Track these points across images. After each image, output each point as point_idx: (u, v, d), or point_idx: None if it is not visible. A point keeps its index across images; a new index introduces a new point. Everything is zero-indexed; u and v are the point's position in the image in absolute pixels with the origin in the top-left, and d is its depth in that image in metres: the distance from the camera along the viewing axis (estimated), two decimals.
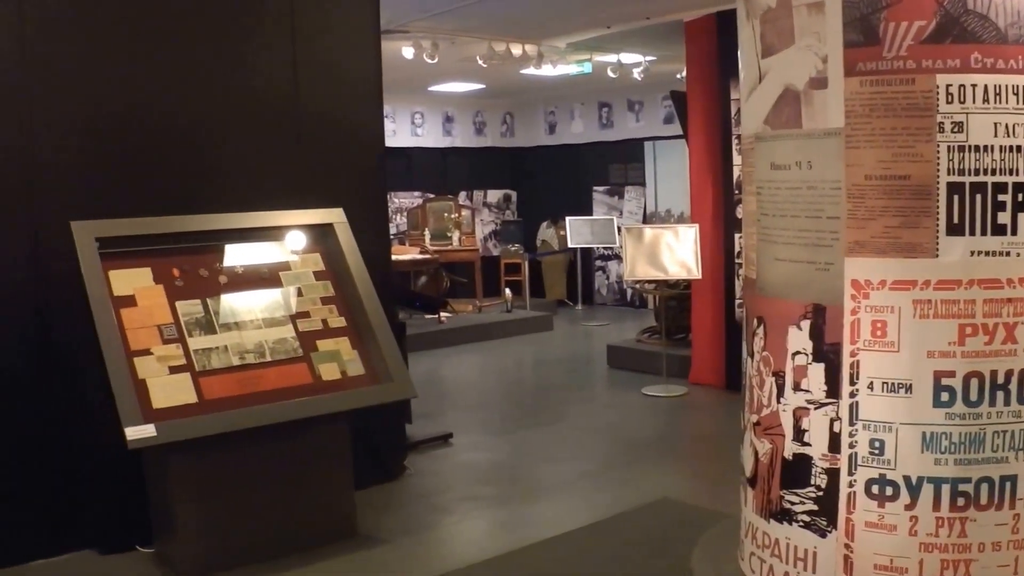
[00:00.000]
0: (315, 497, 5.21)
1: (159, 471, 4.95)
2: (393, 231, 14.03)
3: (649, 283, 10.15)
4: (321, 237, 5.73)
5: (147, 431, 4.55)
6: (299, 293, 5.47)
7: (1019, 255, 3.36)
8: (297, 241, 5.66)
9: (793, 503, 3.74)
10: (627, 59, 11.78)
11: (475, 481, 6.48)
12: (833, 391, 3.55)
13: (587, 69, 12.30)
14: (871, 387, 3.46)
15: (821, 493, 3.62)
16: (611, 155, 15.64)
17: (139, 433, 4.52)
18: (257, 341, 5.17)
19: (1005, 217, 3.35)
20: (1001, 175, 3.33)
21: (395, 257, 9.48)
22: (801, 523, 3.72)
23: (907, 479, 3.45)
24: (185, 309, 5.11)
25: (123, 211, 5.20)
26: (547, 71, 11.96)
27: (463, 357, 11.71)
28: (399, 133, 15.53)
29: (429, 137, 16.23)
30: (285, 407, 4.99)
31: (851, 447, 3.52)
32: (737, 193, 8.37)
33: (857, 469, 3.52)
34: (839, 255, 3.51)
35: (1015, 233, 3.35)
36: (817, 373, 3.61)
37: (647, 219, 14.92)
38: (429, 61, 10.36)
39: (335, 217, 5.75)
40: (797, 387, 3.69)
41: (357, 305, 5.52)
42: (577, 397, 9.21)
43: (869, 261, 3.45)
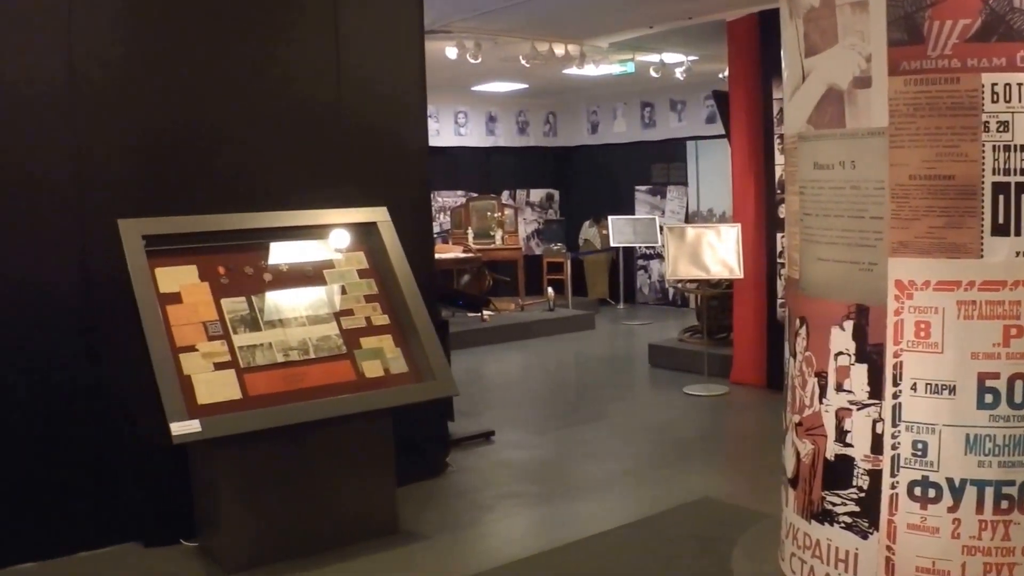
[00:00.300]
0: (357, 493, 5.24)
1: (203, 466, 5.02)
2: (436, 230, 14.10)
3: (691, 282, 10.12)
4: (365, 236, 5.77)
5: (192, 426, 4.59)
6: (343, 291, 5.50)
7: None
8: (341, 239, 5.70)
9: (835, 504, 3.73)
10: (669, 59, 11.77)
11: (516, 478, 6.50)
12: (876, 392, 3.54)
13: (630, 69, 12.28)
14: (914, 388, 3.44)
15: (863, 494, 3.61)
16: (653, 154, 15.61)
17: (184, 428, 4.57)
18: (301, 338, 5.21)
19: None
20: None
21: (438, 256, 9.54)
22: (843, 524, 3.70)
23: (950, 481, 3.42)
24: (230, 306, 5.15)
25: (169, 210, 5.27)
26: (590, 71, 11.96)
27: (505, 355, 11.74)
28: (443, 132, 15.59)
29: (472, 136, 16.27)
30: (328, 404, 5.03)
31: (894, 448, 3.50)
32: (779, 193, 8.33)
33: (900, 471, 3.50)
34: (883, 255, 3.49)
35: None
36: (860, 374, 3.59)
37: (689, 218, 14.87)
38: (472, 61, 10.40)
39: (379, 216, 5.78)
40: (840, 388, 3.68)
41: (400, 303, 5.55)
42: (618, 396, 9.20)
43: (913, 261, 3.43)
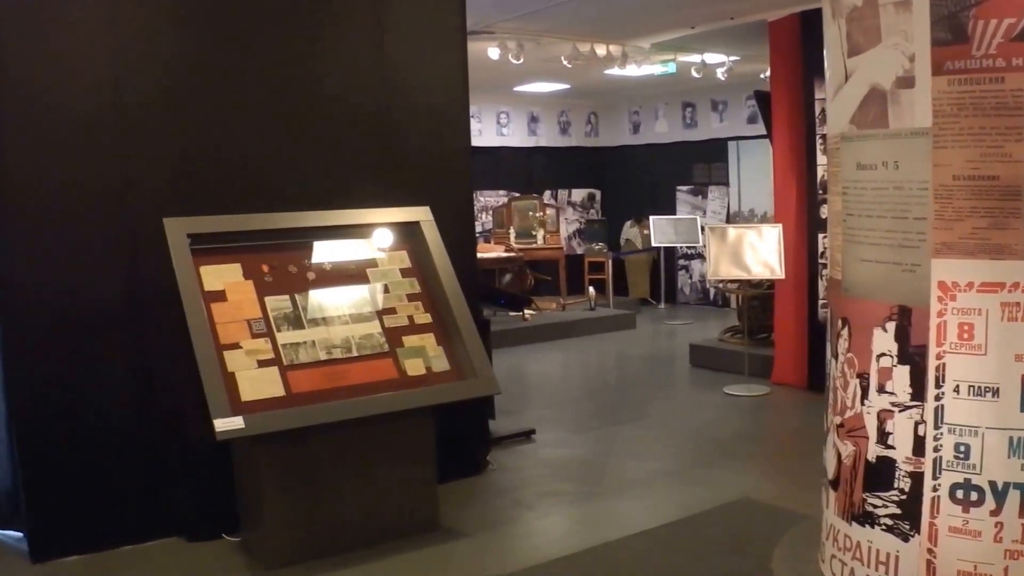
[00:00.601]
0: (398, 490, 5.28)
1: (247, 462, 5.07)
2: (478, 229, 14.14)
3: (732, 282, 10.09)
4: (408, 235, 5.80)
5: (235, 423, 4.65)
6: (386, 290, 5.54)
7: None
8: (384, 238, 5.74)
9: (876, 506, 3.72)
10: (711, 59, 11.74)
11: (557, 477, 6.51)
12: (918, 394, 3.53)
13: (671, 69, 12.26)
14: (957, 390, 3.43)
15: (904, 497, 3.60)
16: (695, 155, 15.57)
17: (228, 425, 4.62)
18: (344, 336, 5.26)
19: None
20: None
21: (480, 255, 9.58)
22: (883, 527, 3.69)
23: (993, 484, 3.41)
24: (274, 304, 5.21)
25: (214, 209, 5.33)
26: (631, 71, 11.95)
27: (546, 354, 11.76)
28: (485, 133, 15.63)
29: (514, 136, 16.30)
30: (371, 401, 5.07)
31: (936, 451, 3.49)
32: (821, 193, 8.29)
33: (942, 473, 3.48)
34: (926, 256, 3.48)
35: None
36: (902, 375, 3.58)
37: (730, 219, 14.82)
38: (514, 62, 10.42)
39: (422, 215, 5.81)
40: (882, 389, 3.67)
41: (443, 302, 5.58)
42: (659, 395, 9.19)
43: (956, 262, 3.41)
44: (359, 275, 5.55)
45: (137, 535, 5.33)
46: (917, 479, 3.55)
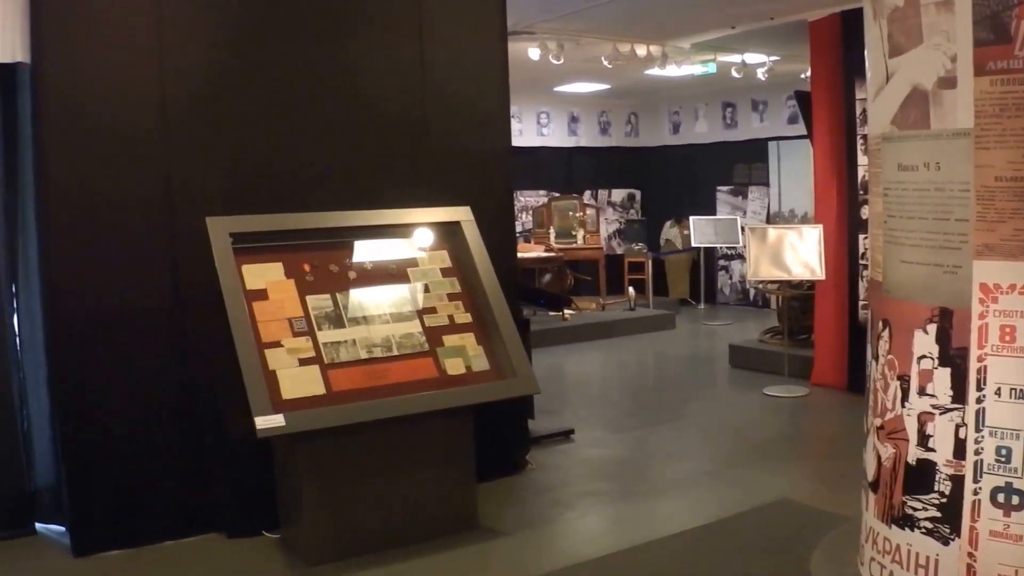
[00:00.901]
0: (438, 489, 5.30)
1: (287, 460, 5.11)
2: (519, 229, 14.17)
3: (772, 283, 10.05)
4: (448, 235, 5.83)
5: (276, 421, 4.68)
6: (426, 289, 5.58)
7: None
8: (425, 238, 5.77)
9: (916, 509, 3.70)
10: (751, 59, 11.70)
11: (595, 477, 6.52)
12: (959, 396, 3.51)
13: (711, 69, 12.22)
14: (998, 393, 3.41)
15: (945, 500, 3.58)
16: (735, 155, 15.52)
17: (268, 422, 4.66)
18: (384, 335, 5.29)
19: None
20: None
21: (520, 255, 9.60)
22: (923, 530, 3.68)
23: None
24: (315, 303, 5.25)
25: (256, 211, 5.39)
26: (671, 71, 11.94)
27: (586, 354, 11.76)
28: (525, 133, 15.64)
29: (555, 137, 16.31)
30: (411, 400, 5.10)
31: (977, 454, 3.47)
32: (862, 194, 8.25)
33: (982, 477, 3.46)
34: (967, 258, 3.46)
35: None
36: (943, 378, 3.56)
37: (771, 219, 14.76)
38: (555, 62, 10.44)
39: (462, 215, 5.84)
40: (922, 391, 3.65)
41: (483, 302, 5.60)
42: (698, 396, 9.18)
43: (998, 264, 3.39)
44: (400, 274, 5.58)
45: (177, 531, 5.39)
46: (958, 482, 3.53)
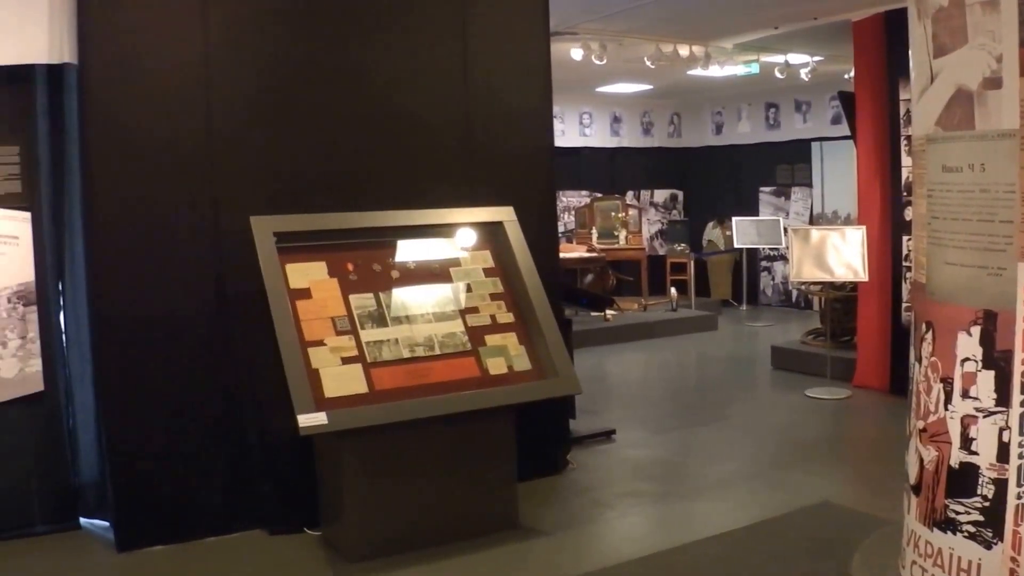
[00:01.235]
0: (479, 488, 5.33)
1: (329, 458, 5.16)
2: (561, 229, 14.18)
3: (815, 284, 10.01)
4: (491, 235, 5.86)
5: (319, 419, 4.72)
6: (468, 289, 5.60)
7: None
8: (468, 238, 5.80)
9: (958, 513, 3.68)
10: (794, 59, 11.64)
11: (636, 477, 6.52)
12: (1003, 399, 3.48)
13: (754, 70, 12.18)
14: None
15: (987, 504, 3.55)
16: (778, 156, 15.45)
17: (311, 421, 4.70)
18: (427, 335, 5.32)
19: None
20: None
21: (563, 255, 9.60)
22: (966, 534, 3.65)
23: None
24: (358, 302, 5.29)
25: (298, 210, 5.44)
26: (714, 72, 11.92)
27: (627, 355, 11.76)
28: (567, 133, 15.66)
29: (597, 137, 16.31)
30: (452, 399, 5.12)
31: (1020, 457, 3.44)
32: (906, 195, 8.19)
33: None
34: (1012, 260, 3.43)
35: None
36: (987, 380, 3.53)
37: (813, 220, 14.68)
38: (597, 62, 10.45)
39: (505, 215, 5.86)
40: (966, 394, 3.63)
41: (525, 301, 5.61)
42: (740, 397, 9.16)
43: None
44: (442, 274, 5.62)
45: (220, 527, 5.45)
46: (1001, 486, 3.50)
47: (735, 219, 14.92)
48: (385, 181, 5.82)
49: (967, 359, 3.62)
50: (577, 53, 10.37)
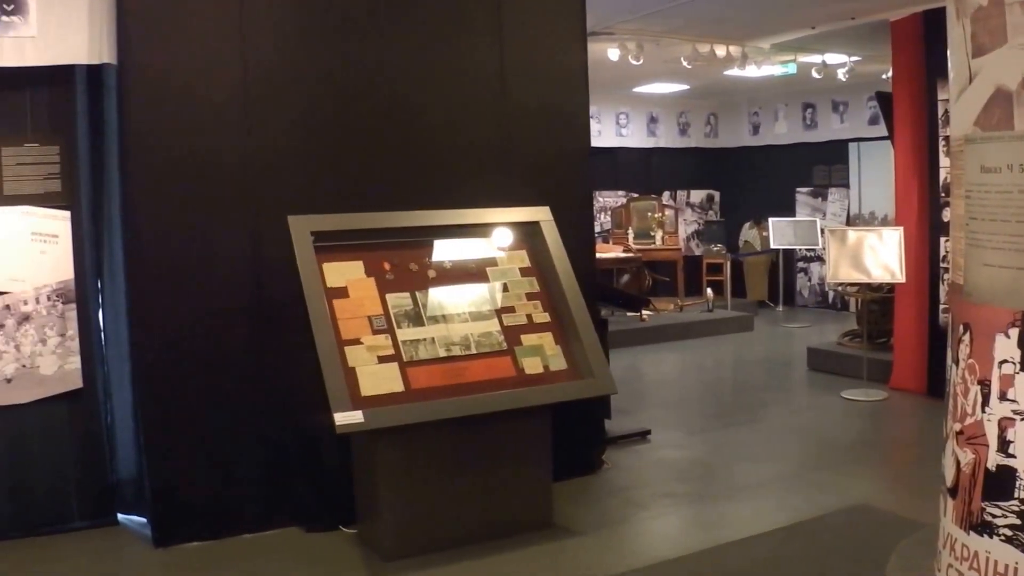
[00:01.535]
0: (514, 487, 5.34)
1: (365, 456, 5.19)
2: (597, 229, 14.20)
3: (852, 286, 9.95)
4: (528, 234, 5.87)
5: (355, 417, 4.74)
6: (505, 288, 5.61)
7: None
8: (504, 238, 5.82)
9: (995, 516, 3.66)
10: (832, 59, 11.60)
11: (671, 478, 6.52)
12: None
13: (791, 70, 12.14)
14: None
15: None
16: (815, 156, 15.39)
17: (347, 419, 4.72)
18: (463, 334, 5.34)
19: None
20: None
21: (599, 255, 9.62)
22: (1003, 537, 3.63)
23: None
24: (395, 301, 5.31)
25: (336, 209, 5.46)
26: (751, 72, 11.88)
27: (663, 355, 11.76)
28: (604, 133, 15.67)
29: (634, 137, 16.31)
30: (488, 399, 5.14)
31: None
32: (943, 196, 8.14)
33: None
34: None
35: None
36: None
37: (851, 221, 14.60)
38: (634, 62, 10.46)
39: (541, 215, 5.87)
40: (1003, 397, 3.61)
41: (561, 301, 5.62)
42: (776, 398, 9.13)
43: None
44: (479, 274, 5.63)
45: (256, 524, 5.50)
46: None
47: (772, 220, 14.86)
48: (423, 184, 5.84)
49: (1005, 361, 3.59)
50: (614, 53, 10.38)
